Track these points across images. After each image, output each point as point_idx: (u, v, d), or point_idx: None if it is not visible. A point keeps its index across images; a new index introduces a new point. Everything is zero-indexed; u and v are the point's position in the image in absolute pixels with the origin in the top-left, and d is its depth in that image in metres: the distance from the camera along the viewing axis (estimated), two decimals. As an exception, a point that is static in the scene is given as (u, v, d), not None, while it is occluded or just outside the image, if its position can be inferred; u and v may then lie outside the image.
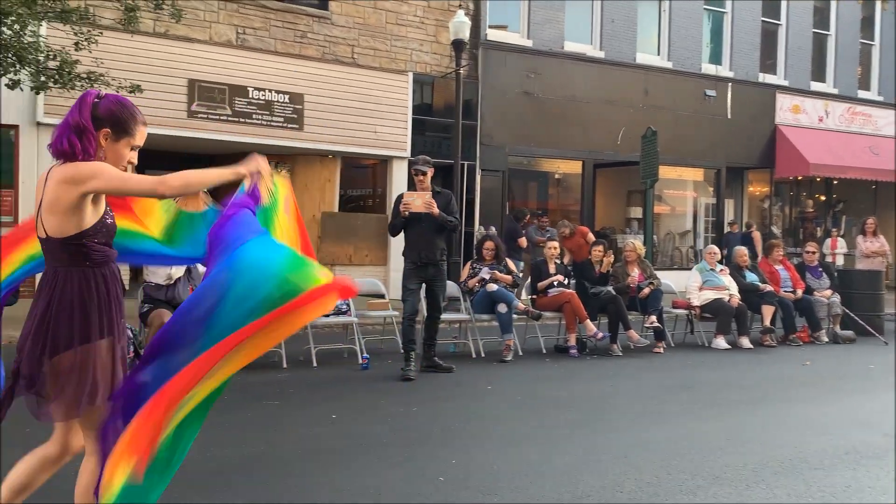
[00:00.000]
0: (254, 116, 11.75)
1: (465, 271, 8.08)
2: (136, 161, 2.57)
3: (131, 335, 6.02)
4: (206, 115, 11.41)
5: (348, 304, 7.23)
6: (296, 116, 12.09)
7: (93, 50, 8.57)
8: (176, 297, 6.13)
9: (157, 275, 6.15)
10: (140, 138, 2.53)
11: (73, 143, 2.38)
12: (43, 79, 8.37)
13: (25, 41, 8.08)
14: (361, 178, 13.83)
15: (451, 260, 8.62)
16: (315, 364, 6.82)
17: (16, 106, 10.10)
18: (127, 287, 8.20)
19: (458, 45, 11.14)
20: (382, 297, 8.18)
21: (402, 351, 6.54)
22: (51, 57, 8.32)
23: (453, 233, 6.97)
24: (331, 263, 12.62)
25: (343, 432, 4.61)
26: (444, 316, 7.02)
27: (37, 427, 2.58)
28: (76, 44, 8.47)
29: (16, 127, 10.39)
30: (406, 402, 5.48)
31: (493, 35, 13.91)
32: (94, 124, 2.42)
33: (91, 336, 2.38)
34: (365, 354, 6.91)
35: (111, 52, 9.39)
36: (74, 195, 2.33)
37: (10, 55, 8.03)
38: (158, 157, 13.05)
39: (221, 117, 11.51)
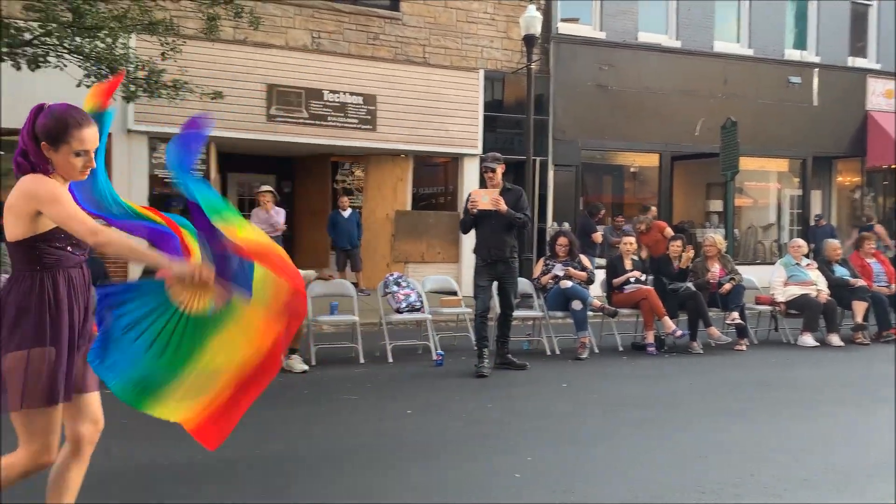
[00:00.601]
0: (329, 118, 12.03)
1: (538, 268, 8.03)
2: (93, 164, 2.56)
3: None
4: (283, 119, 11.76)
5: (422, 301, 7.32)
6: (369, 117, 12.30)
7: (177, 59, 8.98)
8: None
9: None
10: (81, 143, 2.46)
11: (19, 162, 2.49)
12: (133, 88, 8.83)
13: (117, 53, 8.54)
14: (433, 176, 13.94)
15: (523, 257, 8.58)
16: (390, 360, 6.93)
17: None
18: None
19: (529, 40, 11.06)
20: (455, 294, 8.23)
21: (475, 348, 6.56)
22: (140, 67, 8.77)
23: (524, 229, 6.93)
24: (404, 261, 12.80)
25: (419, 427, 4.68)
26: (517, 313, 6.99)
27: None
28: (162, 54, 8.89)
29: (108, 135, 10.97)
30: (480, 398, 5.50)
31: (564, 28, 13.75)
32: (35, 139, 2.46)
33: (22, 344, 2.39)
34: (439, 351, 6.97)
35: (194, 61, 9.80)
36: (30, 209, 2.40)
37: (103, 67, 8.51)
38: (238, 160, 13.58)
39: (298, 120, 11.83)
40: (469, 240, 12.49)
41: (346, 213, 11.93)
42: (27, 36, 7.97)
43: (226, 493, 3.44)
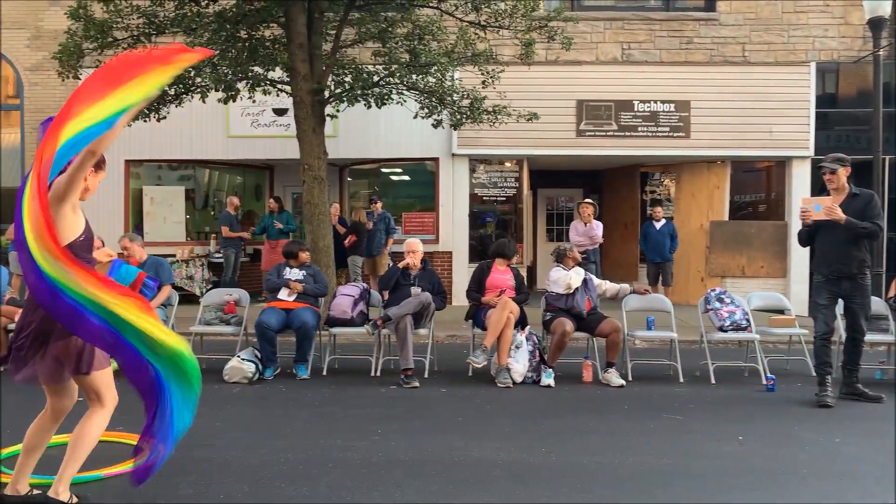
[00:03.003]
0: (639, 129, 11.84)
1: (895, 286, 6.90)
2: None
3: (536, 340, 6.55)
4: (593, 133, 11.88)
5: (748, 320, 6.76)
6: (682, 124, 11.83)
7: (496, 85, 9.63)
8: (575, 306, 6.47)
9: (558, 284, 6.57)
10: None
11: None
12: (458, 116, 9.69)
13: (446, 85, 9.46)
14: (754, 182, 12.87)
15: (874, 272, 7.45)
16: (713, 381, 6.53)
17: (436, 141, 11.87)
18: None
19: (875, 23, 9.63)
20: (783, 312, 7.46)
21: (815, 374, 5.86)
22: (464, 96, 9.58)
23: (873, 240, 5.97)
24: (721, 275, 12.01)
25: (753, 455, 4.31)
26: (868, 337, 6.07)
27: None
28: (483, 81, 9.61)
29: (436, 159, 12.19)
30: (824, 430, 4.89)
31: (920, 3, 11.69)
32: None
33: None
34: (769, 375, 6.37)
35: (510, 85, 10.40)
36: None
37: (433, 99, 9.49)
38: (547, 175, 14.04)
39: (608, 133, 11.85)
40: (798, 252, 11.31)
41: (659, 223, 11.50)
42: (375, 78, 9.24)
43: (561, 496, 3.54)
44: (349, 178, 13.54)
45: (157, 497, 3.46)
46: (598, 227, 9.98)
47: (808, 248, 6.05)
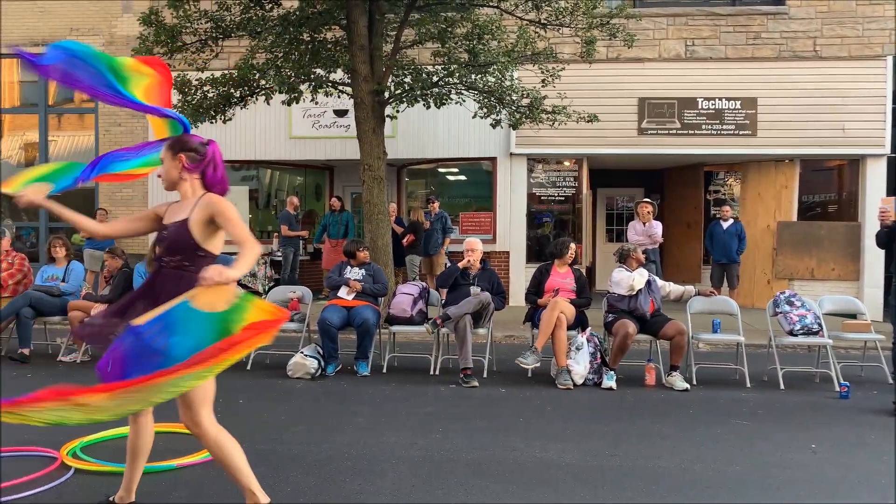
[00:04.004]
0: (703, 127, 11.56)
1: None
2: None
3: (597, 342, 6.46)
4: (654, 132, 11.65)
5: (820, 324, 6.52)
6: (748, 122, 11.50)
7: (556, 84, 9.53)
8: (638, 308, 6.35)
9: (621, 286, 6.47)
10: None
11: None
12: (517, 116, 9.63)
13: (505, 85, 9.42)
14: (824, 181, 12.40)
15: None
16: (782, 386, 6.31)
17: (494, 141, 11.85)
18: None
19: (957, 13, 9.16)
20: (855, 316, 7.16)
21: (892, 381, 5.61)
22: (524, 96, 9.52)
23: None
24: (788, 277, 11.62)
25: (827, 464, 4.15)
26: (951, 343, 5.78)
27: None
28: (542, 80, 9.53)
29: (493, 159, 12.17)
30: (905, 441, 4.67)
31: None
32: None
33: None
34: (843, 381, 6.13)
35: (570, 84, 10.29)
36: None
37: (492, 98, 9.46)
38: (606, 175, 13.84)
39: (670, 131, 11.61)
40: (872, 254, 10.85)
41: (727, 223, 11.09)
42: (434, 78, 9.27)
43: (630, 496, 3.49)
44: (406, 178, 13.63)
45: (226, 490, 3.56)
46: (657, 227, 9.78)
47: (884, 251, 5.80)
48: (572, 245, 6.90)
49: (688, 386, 6.17)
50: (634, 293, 6.42)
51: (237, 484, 2.95)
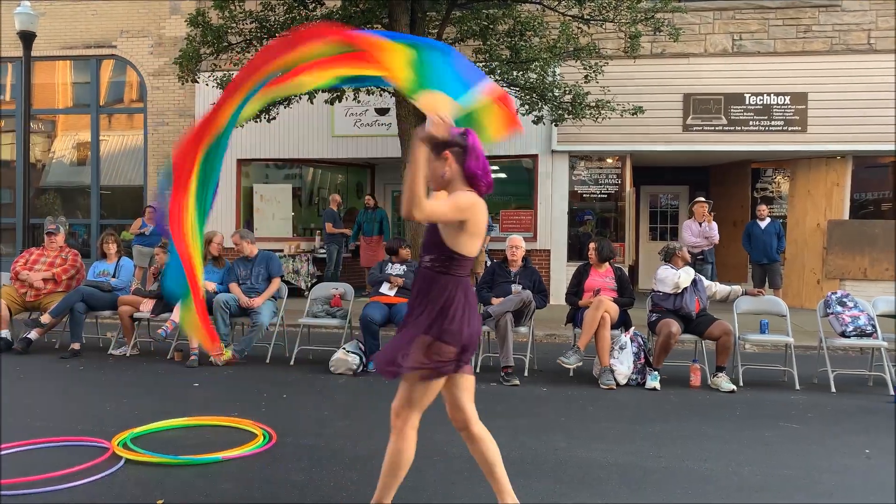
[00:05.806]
0: (750, 123, 11.30)
1: None
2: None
3: (641, 342, 6.37)
4: (700, 128, 11.43)
5: (874, 325, 6.31)
6: (797, 118, 11.20)
7: (599, 80, 9.43)
8: (683, 307, 6.24)
9: (665, 284, 6.36)
10: None
11: None
12: (560, 112, 9.55)
13: (547, 81, 9.35)
14: (878, 179, 12.00)
15: None
16: (833, 389, 6.13)
17: (535, 137, 11.76)
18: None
19: None
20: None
21: (953, 385, 5.39)
22: (566, 92, 9.44)
23: None
24: (839, 278, 11.28)
25: (882, 471, 4.01)
26: None
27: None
28: (585, 76, 9.44)
29: (535, 156, 12.08)
30: (965, 448, 4.48)
31: None
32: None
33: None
34: (898, 384, 5.92)
35: (614, 79, 10.15)
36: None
37: (534, 95, 9.40)
38: (650, 172, 13.62)
39: (716, 127, 11.38)
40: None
41: (764, 223, 10.84)
42: (476, 75, 9.23)
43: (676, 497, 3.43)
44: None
45: (271, 482, 3.60)
46: (714, 228, 9.60)
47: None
48: (592, 244, 6.82)
49: (734, 387, 6.04)
50: (679, 291, 6.30)
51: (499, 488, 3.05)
